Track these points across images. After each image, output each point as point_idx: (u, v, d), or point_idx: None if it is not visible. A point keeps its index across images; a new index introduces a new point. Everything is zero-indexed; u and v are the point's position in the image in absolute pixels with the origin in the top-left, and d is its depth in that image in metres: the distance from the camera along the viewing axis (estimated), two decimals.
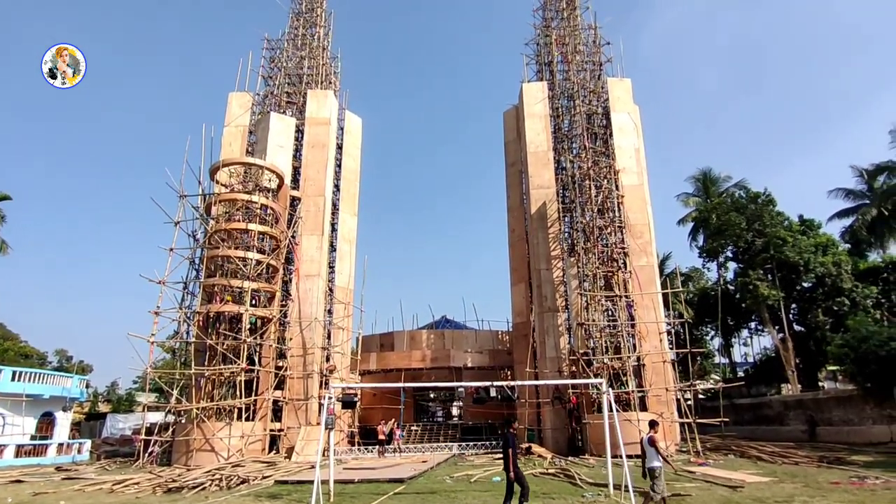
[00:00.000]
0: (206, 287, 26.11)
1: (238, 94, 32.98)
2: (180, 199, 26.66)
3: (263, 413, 25.57)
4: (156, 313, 24.46)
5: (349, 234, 33.22)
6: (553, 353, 27.62)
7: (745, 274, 34.61)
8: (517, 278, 32.92)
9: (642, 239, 28.69)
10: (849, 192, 41.43)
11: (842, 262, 32.65)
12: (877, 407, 24.75)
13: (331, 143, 32.43)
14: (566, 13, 35.33)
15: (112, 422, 43.40)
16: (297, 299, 28.45)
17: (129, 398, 62.58)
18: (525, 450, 24.89)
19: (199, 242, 27.41)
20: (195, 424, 23.01)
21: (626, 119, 30.75)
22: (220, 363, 24.95)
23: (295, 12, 37.11)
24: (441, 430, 31.90)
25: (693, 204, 45.58)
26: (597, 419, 23.77)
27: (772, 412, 31.67)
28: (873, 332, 25.10)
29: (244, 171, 28.54)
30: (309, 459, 24.20)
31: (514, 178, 34.85)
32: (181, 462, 22.62)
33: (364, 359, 33.18)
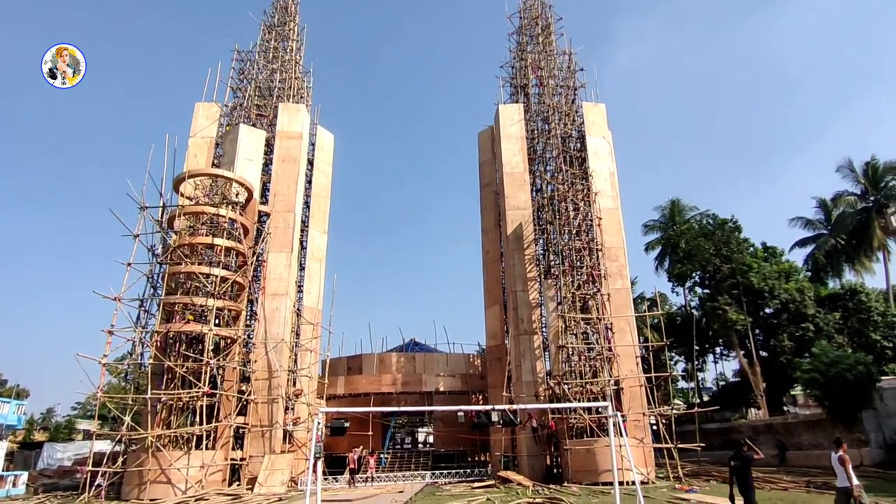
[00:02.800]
0: (165, 305, 24.43)
1: (205, 104, 31.66)
2: (141, 210, 25.02)
3: (225, 441, 23.83)
4: (109, 332, 22.58)
5: (318, 252, 32.03)
6: (529, 376, 27.00)
7: (713, 299, 35.15)
8: (491, 300, 32.36)
9: (618, 262, 28.71)
10: (808, 221, 43.11)
11: (805, 289, 33.57)
12: (846, 431, 25.05)
13: (302, 158, 31.42)
14: (541, 38, 35.75)
15: (49, 451, 39.97)
16: (263, 319, 27.01)
17: (68, 426, 58.33)
18: (500, 479, 24.02)
19: (160, 257, 25.74)
20: (150, 453, 21.14)
21: (602, 143, 31.03)
22: (179, 387, 23.23)
23: (267, 25, 36.26)
24: (412, 458, 30.60)
25: (659, 230, 46.52)
26: (578, 445, 23.22)
27: (741, 437, 31.74)
28: (841, 356, 25.63)
29: (211, 184, 27.17)
30: (274, 491, 22.64)
31: (488, 199, 34.54)
32: (133, 495, 20.70)
33: (331, 382, 31.72)
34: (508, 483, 22.85)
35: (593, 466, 22.46)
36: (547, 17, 36.45)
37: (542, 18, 36.39)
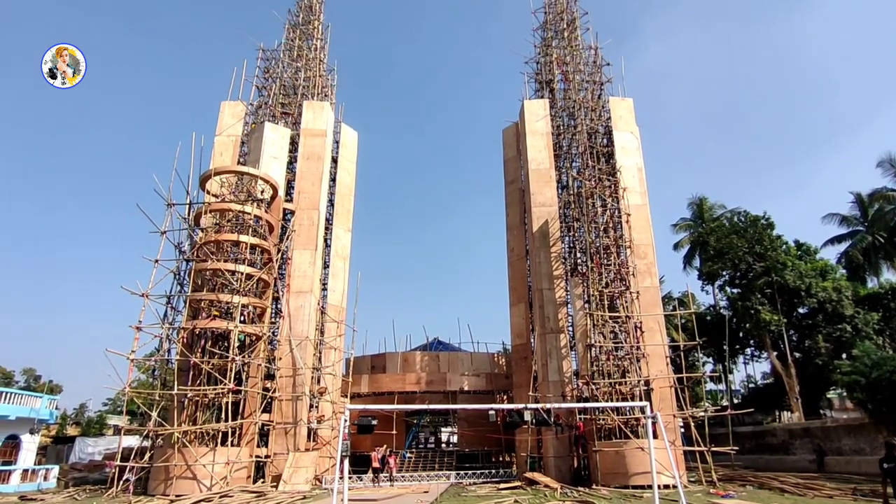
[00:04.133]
0: (192, 302, 24.56)
1: (231, 103, 31.84)
2: (168, 207, 25.23)
3: (250, 438, 23.85)
4: (137, 328, 22.79)
5: (343, 250, 31.95)
6: (556, 376, 26.46)
7: (745, 298, 34.08)
8: (516, 298, 31.88)
9: (646, 260, 28.02)
10: (843, 218, 41.64)
11: (842, 288, 32.31)
12: (890, 435, 23.97)
13: (326, 156, 31.39)
14: (566, 33, 35.15)
15: (81, 446, 40.83)
16: (288, 316, 26.98)
17: (99, 421, 59.58)
18: (527, 480, 23.56)
19: (186, 254, 25.90)
20: (176, 449, 21.21)
21: (630, 138, 30.32)
22: (205, 383, 23.31)
23: (291, 24, 36.36)
24: (436, 458, 30.28)
25: (688, 228, 45.44)
26: (607, 446, 22.63)
27: (776, 441, 30.79)
28: (885, 358, 24.53)
29: (236, 181, 27.27)
30: (298, 489, 22.54)
31: (513, 196, 34.08)
32: (159, 491, 20.79)
33: (355, 381, 31.59)
34: (535, 485, 22.36)
35: (623, 469, 21.86)
36: (572, 12, 35.84)
37: (568, 13, 35.78)
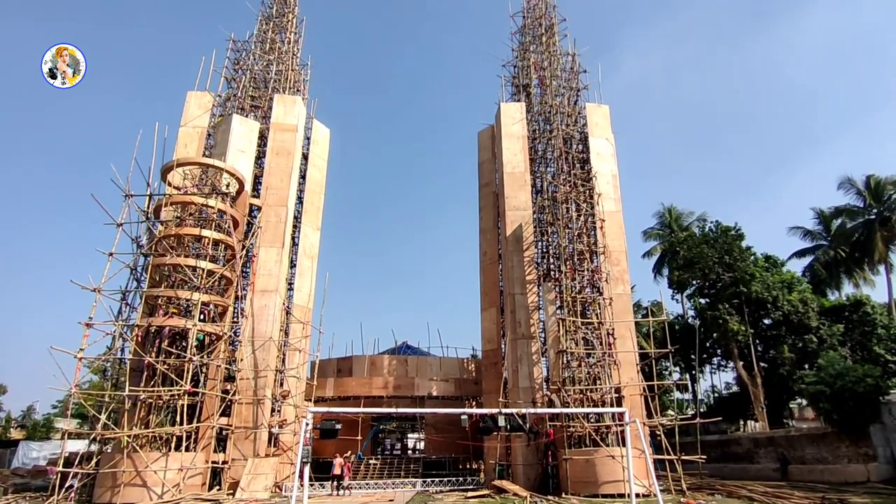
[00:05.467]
0: (148, 298, 23.30)
1: (198, 93, 30.58)
2: (126, 198, 23.88)
3: (206, 443, 22.63)
4: (87, 325, 21.37)
5: (311, 249, 30.96)
6: (526, 382, 26.02)
7: (714, 308, 34.35)
8: (488, 303, 31.41)
9: (619, 266, 27.94)
10: (807, 231, 42.62)
11: (808, 300, 32.85)
12: (852, 445, 24.30)
13: (297, 152, 30.43)
14: (544, 38, 35.02)
15: (25, 450, 38.58)
16: (252, 316, 25.90)
17: (46, 424, 56.60)
18: (495, 488, 22.99)
19: (144, 248, 24.60)
20: (125, 454, 19.91)
21: (605, 145, 30.31)
22: (160, 384, 22.05)
23: (265, 15, 35.31)
24: (402, 465, 29.46)
25: (658, 237, 45.85)
26: (577, 454, 22.24)
27: (741, 449, 30.96)
28: (848, 368, 24.87)
29: (201, 174, 26.11)
30: (256, 496, 21.50)
31: (487, 200, 33.67)
32: (105, 498, 19.42)
33: (320, 384, 30.55)
34: (504, 493, 21.83)
35: (593, 478, 21.48)
36: (551, 18, 35.78)
37: (546, 18, 35.71)
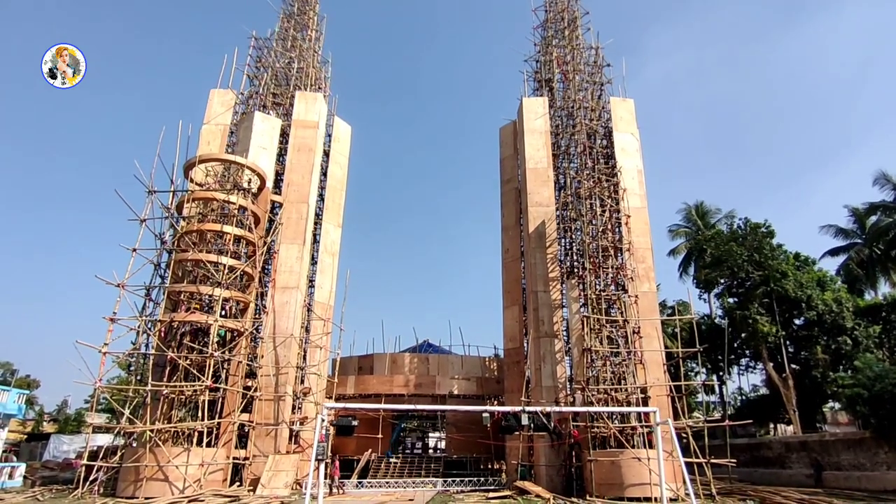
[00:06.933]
0: (171, 293, 23.45)
1: (220, 91, 30.80)
2: (149, 194, 24.09)
3: (227, 439, 22.67)
4: (111, 320, 21.58)
5: (332, 246, 30.91)
6: (550, 381, 25.52)
7: (743, 307, 33.31)
8: (510, 301, 30.96)
9: (644, 264, 27.24)
10: (840, 230, 41.12)
11: (843, 300, 31.63)
12: (892, 451, 23.22)
13: (318, 148, 30.39)
14: (567, 32, 34.45)
15: (56, 443, 39.32)
16: (273, 312, 25.91)
17: (77, 418, 57.80)
18: (517, 489, 22.54)
19: (167, 244, 24.76)
20: (147, 449, 20.03)
21: (630, 139, 29.59)
22: (182, 380, 22.15)
23: (286, 13, 35.44)
24: (422, 464, 29.18)
25: (685, 235, 44.73)
26: (602, 456, 21.67)
27: (771, 454, 29.94)
28: (887, 370, 23.81)
29: (223, 171, 26.25)
30: (276, 493, 21.41)
31: (509, 196, 33.21)
32: (128, 492, 19.58)
33: (341, 382, 30.44)
34: (526, 494, 21.38)
35: (618, 480, 20.89)
36: (573, 11, 35.17)
37: (569, 12, 35.11)
